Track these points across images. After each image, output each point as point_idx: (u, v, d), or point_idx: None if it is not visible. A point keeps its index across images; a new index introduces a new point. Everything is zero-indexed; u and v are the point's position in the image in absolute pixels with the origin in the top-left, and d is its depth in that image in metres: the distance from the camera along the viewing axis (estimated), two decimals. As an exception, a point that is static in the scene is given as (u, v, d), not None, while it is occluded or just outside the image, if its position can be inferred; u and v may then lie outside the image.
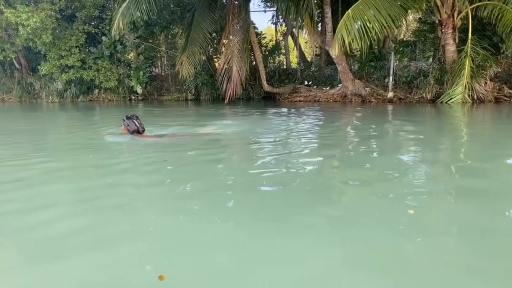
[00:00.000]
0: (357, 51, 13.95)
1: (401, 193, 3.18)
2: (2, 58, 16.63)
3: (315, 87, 14.22)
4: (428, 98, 12.23)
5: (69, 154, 5.38)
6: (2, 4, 14.82)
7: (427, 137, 6.42)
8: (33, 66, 18.40)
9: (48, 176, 4.03)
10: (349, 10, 10.79)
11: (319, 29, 14.58)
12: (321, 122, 8.60)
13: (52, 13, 14.99)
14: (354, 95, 13.16)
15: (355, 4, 10.75)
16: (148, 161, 4.68)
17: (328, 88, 13.88)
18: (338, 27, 10.88)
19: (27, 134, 7.58)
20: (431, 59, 15.09)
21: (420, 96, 12.45)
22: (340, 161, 4.59)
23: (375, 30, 10.62)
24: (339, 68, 12.96)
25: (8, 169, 4.38)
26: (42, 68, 16.44)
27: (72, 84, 17.10)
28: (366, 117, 9.38)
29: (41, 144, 6.39)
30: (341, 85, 13.35)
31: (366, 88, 13.09)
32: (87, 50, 16.88)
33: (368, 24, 10.59)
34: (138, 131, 5.80)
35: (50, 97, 17.48)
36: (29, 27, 14.38)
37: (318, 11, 13.72)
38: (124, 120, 5.91)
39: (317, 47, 17.53)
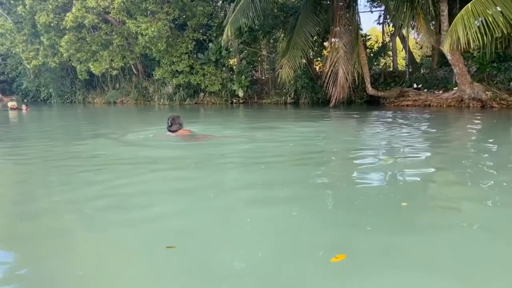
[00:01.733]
0: (476, 52, 12.58)
1: None
2: (122, 65, 18.53)
3: (425, 90, 13.17)
4: None
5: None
6: (125, 16, 16.51)
7: None
8: (148, 71, 20.24)
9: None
10: (469, 5, 9.71)
11: (432, 28, 13.46)
12: (434, 129, 7.85)
13: (167, 22, 16.25)
14: (472, 100, 11.87)
15: (476, -2, 9.65)
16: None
17: (441, 91, 12.75)
18: (453, 22, 9.90)
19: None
20: None
21: (555, 101, 10.74)
22: (450, 175, 4.06)
23: (500, 28, 9.41)
24: (455, 70, 11.80)
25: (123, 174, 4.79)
26: (156, 73, 17.97)
27: (181, 88, 18.39)
28: (488, 125, 8.35)
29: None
30: (456, 88, 12.14)
31: (487, 92, 11.71)
32: (195, 56, 17.96)
33: (491, 21, 9.41)
34: (169, 130, 6.43)
35: (162, 100, 19.00)
36: (147, 36, 15.80)
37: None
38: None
39: (427, 47, 16.27)
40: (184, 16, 17.64)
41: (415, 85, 13.60)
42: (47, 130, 9.83)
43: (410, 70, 15.12)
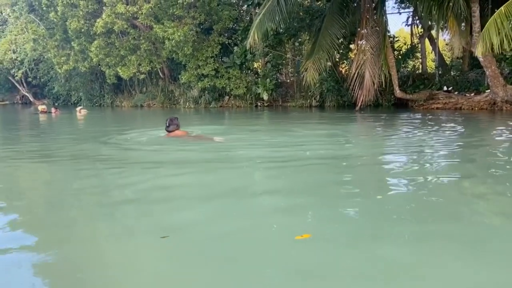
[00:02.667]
0: (509, 53, 12.17)
1: None
2: (150, 69, 18.86)
3: (456, 93, 12.85)
4: None
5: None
6: (152, 21, 16.82)
7: None
8: (174, 75, 20.52)
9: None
10: (502, 7, 9.42)
11: (462, 29, 13.12)
12: (467, 133, 7.64)
13: (193, 27, 16.47)
14: (505, 103, 11.51)
15: (510, 0, 9.35)
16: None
17: (472, 94, 12.41)
18: (486, 26, 9.63)
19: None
20: None
21: None
22: (480, 185, 3.92)
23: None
24: (487, 72, 11.46)
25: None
26: (182, 77, 18.22)
27: (206, 92, 18.57)
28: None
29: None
30: (489, 91, 11.79)
31: (521, 95, 11.31)
32: (220, 59, 18.11)
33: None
34: (167, 129, 7.03)
35: (187, 103, 19.24)
36: (173, 41, 16.06)
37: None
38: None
39: (458, 50, 15.85)
40: (210, 20, 17.82)
41: (445, 88, 13.27)
42: (75, 132, 10.14)
43: (440, 72, 14.76)
